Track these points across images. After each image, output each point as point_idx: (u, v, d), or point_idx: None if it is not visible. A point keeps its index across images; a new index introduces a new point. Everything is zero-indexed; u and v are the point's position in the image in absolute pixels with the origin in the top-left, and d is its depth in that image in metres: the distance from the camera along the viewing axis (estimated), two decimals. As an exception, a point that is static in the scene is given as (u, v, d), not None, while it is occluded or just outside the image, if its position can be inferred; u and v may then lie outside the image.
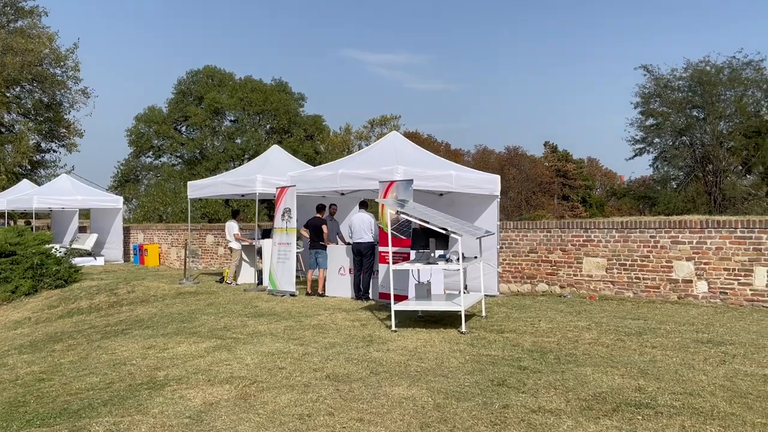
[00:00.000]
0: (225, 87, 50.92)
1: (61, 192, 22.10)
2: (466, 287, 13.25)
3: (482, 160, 63.30)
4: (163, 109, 52.18)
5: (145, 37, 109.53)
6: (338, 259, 12.71)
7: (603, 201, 66.79)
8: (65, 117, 31.98)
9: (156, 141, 51.86)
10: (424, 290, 9.78)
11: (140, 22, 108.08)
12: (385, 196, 11.12)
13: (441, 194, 13.53)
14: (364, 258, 11.96)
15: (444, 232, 8.88)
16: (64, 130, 32.02)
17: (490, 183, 12.80)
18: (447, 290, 13.00)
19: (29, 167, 31.63)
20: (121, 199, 23.41)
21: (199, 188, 15.35)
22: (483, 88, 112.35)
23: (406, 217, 9.65)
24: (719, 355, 7.18)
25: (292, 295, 12.62)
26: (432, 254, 9.20)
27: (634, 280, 11.85)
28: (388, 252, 11.19)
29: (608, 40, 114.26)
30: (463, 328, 8.77)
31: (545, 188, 65.74)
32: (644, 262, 11.73)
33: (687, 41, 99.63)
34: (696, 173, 41.93)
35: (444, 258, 9.45)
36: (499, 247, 13.08)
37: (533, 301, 11.86)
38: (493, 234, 10.67)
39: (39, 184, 27.11)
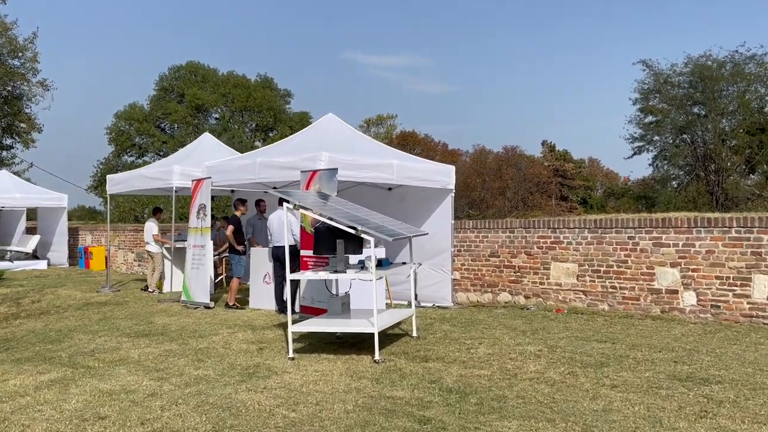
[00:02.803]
0: (208, 83, 49.04)
1: (-2, 190, 20.22)
2: (416, 297, 11.35)
3: (479, 160, 61.25)
4: (144, 106, 50.36)
5: (128, 31, 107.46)
6: (263, 264, 10.78)
7: (604, 202, 64.66)
8: (25, 111, 30.07)
9: (138, 139, 50.02)
10: (338, 305, 7.84)
11: (123, 13, 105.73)
12: (307, 188, 9.23)
13: (390, 188, 11.64)
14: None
15: (353, 231, 6.94)
16: (24, 125, 30.12)
17: (443, 174, 10.86)
18: (394, 301, 11.10)
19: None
20: (65, 197, 21.46)
21: (117, 183, 13.42)
22: (483, 90, 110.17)
23: (304, 212, 7.76)
24: (700, 401, 5.23)
25: (207, 307, 10.70)
26: (341, 260, 7.26)
27: (610, 290, 9.90)
28: (310, 258, 9.32)
29: (608, 36, 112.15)
30: (377, 356, 6.84)
31: (543, 188, 63.61)
32: (621, 269, 9.78)
33: (687, 35, 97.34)
34: (697, 172, 40.03)
35: (362, 265, 7.53)
36: (453, 249, 11.14)
37: (488, 314, 9.92)
38: (426, 234, 8.74)
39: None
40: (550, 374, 6.14)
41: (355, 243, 7.24)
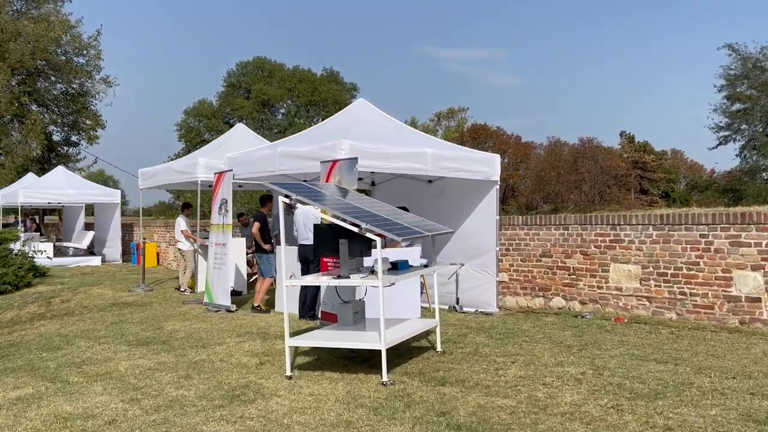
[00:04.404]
0: (274, 78, 48.94)
1: (50, 186, 20.15)
2: (458, 301, 10.25)
3: (554, 153, 58.99)
4: (213, 102, 50.79)
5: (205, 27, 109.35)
6: (289, 264, 9.88)
7: (687, 195, 61.20)
8: (90, 108, 30.38)
9: (207, 135, 50.49)
10: (350, 314, 6.82)
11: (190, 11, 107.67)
12: (328, 180, 8.26)
13: (430, 181, 10.57)
14: (312, 264, 9.12)
15: (356, 230, 5.91)
16: (89, 122, 30.43)
17: (485, 165, 9.69)
18: (432, 305, 10.02)
19: (55, 161, 30.17)
20: (118, 193, 21.28)
21: (149, 177, 12.81)
22: (559, 81, 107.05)
23: (302, 206, 6.79)
24: (782, 457, 3.96)
25: (229, 310, 9.90)
26: (346, 263, 6.23)
27: (678, 297, 8.52)
28: (330, 258, 8.37)
29: (691, 20, 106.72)
30: (385, 377, 5.79)
31: (621, 181, 60.72)
32: (692, 272, 8.39)
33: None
34: (790, 162, 37.20)
35: (371, 269, 6.49)
36: (498, 248, 9.95)
37: (535, 323, 8.70)
38: (451, 232, 7.61)
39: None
40: (588, 408, 4.94)
41: (363, 243, 6.21)
